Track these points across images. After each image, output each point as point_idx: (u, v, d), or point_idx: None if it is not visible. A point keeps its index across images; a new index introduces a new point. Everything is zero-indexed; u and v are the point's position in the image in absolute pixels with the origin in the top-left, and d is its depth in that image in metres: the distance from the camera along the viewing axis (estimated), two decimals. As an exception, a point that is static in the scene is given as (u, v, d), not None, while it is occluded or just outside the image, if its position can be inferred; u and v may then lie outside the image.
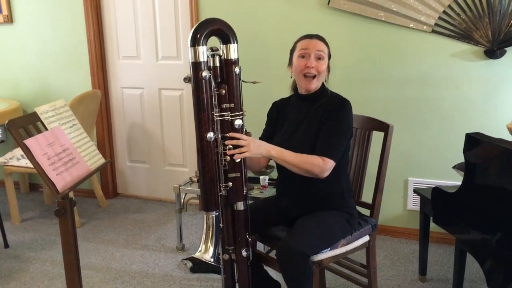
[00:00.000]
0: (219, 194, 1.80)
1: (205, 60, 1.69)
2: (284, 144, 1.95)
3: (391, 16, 2.86)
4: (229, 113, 1.76)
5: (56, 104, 1.96)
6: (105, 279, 2.73)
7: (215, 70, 1.74)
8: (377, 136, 2.22)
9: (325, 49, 2.00)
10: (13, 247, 3.13)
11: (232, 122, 1.77)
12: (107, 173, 3.92)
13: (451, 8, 2.74)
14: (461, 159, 1.99)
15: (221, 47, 1.75)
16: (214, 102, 1.74)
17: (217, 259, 1.98)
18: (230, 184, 1.79)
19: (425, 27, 2.82)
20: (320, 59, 1.97)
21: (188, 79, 1.73)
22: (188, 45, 1.69)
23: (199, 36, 1.67)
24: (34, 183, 4.18)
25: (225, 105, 1.76)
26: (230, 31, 1.73)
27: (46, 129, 1.84)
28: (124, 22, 3.64)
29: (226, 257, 1.91)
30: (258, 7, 3.16)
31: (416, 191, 2.57)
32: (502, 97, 2.78)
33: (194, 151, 3.62)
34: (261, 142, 1.89)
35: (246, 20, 3.19)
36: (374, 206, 2.19)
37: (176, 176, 3.74)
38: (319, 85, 2.02)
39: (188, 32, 3.41)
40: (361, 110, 2.30)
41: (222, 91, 1.74)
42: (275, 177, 2.19)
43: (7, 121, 1.71)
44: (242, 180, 1.81)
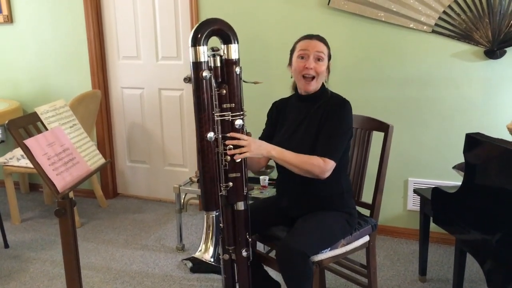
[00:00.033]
0: (219, 194, 1.80)
1: (206, 60, 1.69)
2: (284, 144, 1.95)
3: (391, 16, 2.86)
4: (230, 113, 1.76)
5: (56, 104, 1.96)
6: (105, 279, 2.73)
7: (216, 70, 1.74)
8: (377, 136, 2.22)
9: (325, 50, 1.99)
10: (13, 247, 3.13)
11: (233, 122, 1.77)
12: (107, 173, 3.92)
13: (451, 9, 2.74)
14: (461, 159, 1.99)
15: (222, 47, 1.75)
16: (215, 102, 1.74)
17: (217, 259, 1.98)
18: (231, 184, 1.80)
19: (425, 27, 2.82)
20: (319, 60, 1.96)
21: (188, 79, 1.73)
22: (189, 45, 1.69)
23: (200, 36, 1.67)
24: (34, 183, 4.18)
25: (226, 105, 1.76)
26: (231, 31, 1.73)
27: (46, 129, 1.84)
28: (124, 22, 3.65)
29: (227, 257, 1.91)
30: (258, 7, 3.16)
31: (416, 191, 2.57)
32: (502, 97, 2.78)
33: (194, 151, 3.62)
34: (261, 142, 1.89)
35: (246, 20, 3.19)
36: (374, 206, 2.19)
37: (176, 176, 3.74)
38: (318, 86, 2.01)
39: (188, 32, 3.41)
40: (361, 110, 2.30)
41: (223, 91, 1.75)
42: (275, 177, 2.19)
43: (7, 121, 1.71)
44: (242, 180, 1.81)
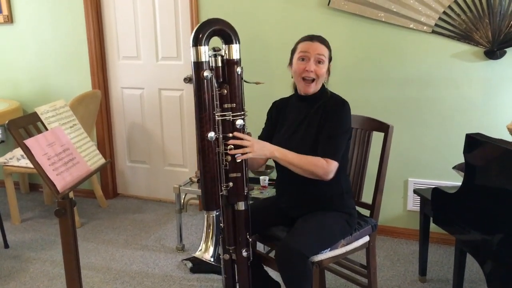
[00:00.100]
0: (220, 193, 1.80)
1: (207, 60, 1.70)
2: (284, 144, 1.95)
3: (391, 16, 2.86)
4: (231, 113, 1.76)
5: (56, 104, 1.96)
6: (105, 279, 2.73)
7: (217, 70, 1.75)
8: (377, 137, 2.22)
9: (326, 53, 1.98)
10: (13, 247, 3.13)
11: (234, 122, 1.77)
12: (107, 173, 3.92)
13: (451, 9, 2.74)
14: (461, 159, 1.99)
15: (223, 47, 1.76)
16: (216, 102, 1.74)
17: (217, 258, 1.98)
18: (231, 184, 1.80)
19: (425, 27, 2.82)
20: (320, 62, 1.96)
21: (188, 79, 1.74)
22: (190, 45, 1.69)
23: (201, 36, 1.67)
24: (34, 183, 4.18)
25: (227, 105, 1.76)
26: (232, 31, 1.74)
27: (46, 129, 1.84)
28: (124, 22, 3.65)
29: (227, 257, 1.91)
30: (258, 7, 3.16)
31: (416, 191, 2.57)
32: (502, 97, 2.78)
33: (194, 151, 3.62)
34: (264, 143, 1.89)
35: (246, 20, 3.19)
36: (374, 207, 2.19)
37: (176, 176, 3.74)
38: (318, 88, 2.01)
39: (188, 32, 3.41)
40: (361, 110, 2.30)
41: (224, 91, 1.75)
42: (275, 177, 2.19)
43: (7, 121, 1.71)
44: (243, 180, 1.81)
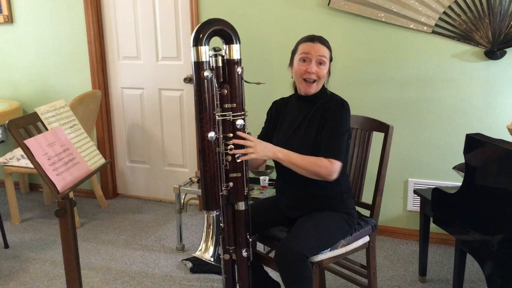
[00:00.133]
0: (220, 193, 1.80)
1: (207, 60, 1.69)
2: (284, 144, 1.95)
3: (391, 17, 2.86)
4: (231, 113, 1.76)
5: (56, 104, 1.96)
6: (105, 279, 2.73)
7: (217, 70, 1.74)
8: (377, 137, 2.22)
9: (327, 54, 1.98)
10: (13, 247, 3.13)
11: (234, 122, 1.77)
12: (107, 174, 3.92)
13: (451, 9, 2.74)
14: (461, 159, 1.99)
15: (224, 47, 1.75)
16: (216, 102, 1.74)
17: (217, 258, 1.98)
18: (231, 184, 1.80)
19: (425, 28, 2.82)
20: (321, 64, 1.96)
21: (188, 80, 1.74)
22: (191, 45, 1.69)
23: (202, 36, 1.67)
24: (34, 183, 4.18)
25: (227, 105, 1.76)
26: (233, 32, 1.74)
27: (46, 129, 1.84)
28: (124, 22, 3.65)
29: (227, 257, 1.91)
30: (258, 7, 3.16)
31: (416, 191, 2.57)
32: (502, 97, 2.78)
33: (194, 151, 3.62)
34: (267, 144, 1.89)
35: (246, 20, 3.19)
36: (374, 207, 2.19)
37: (176, 177, 3.74)
38: (319, 88, 2.00)
39: (188, 32, 3.41)
40: (361, 110, 2.30)
41: (224, 91, 1.75)
42: (275, 178, 2.19)
43: (7, 121, 1.71)
44: (243, 180, 1.81)
